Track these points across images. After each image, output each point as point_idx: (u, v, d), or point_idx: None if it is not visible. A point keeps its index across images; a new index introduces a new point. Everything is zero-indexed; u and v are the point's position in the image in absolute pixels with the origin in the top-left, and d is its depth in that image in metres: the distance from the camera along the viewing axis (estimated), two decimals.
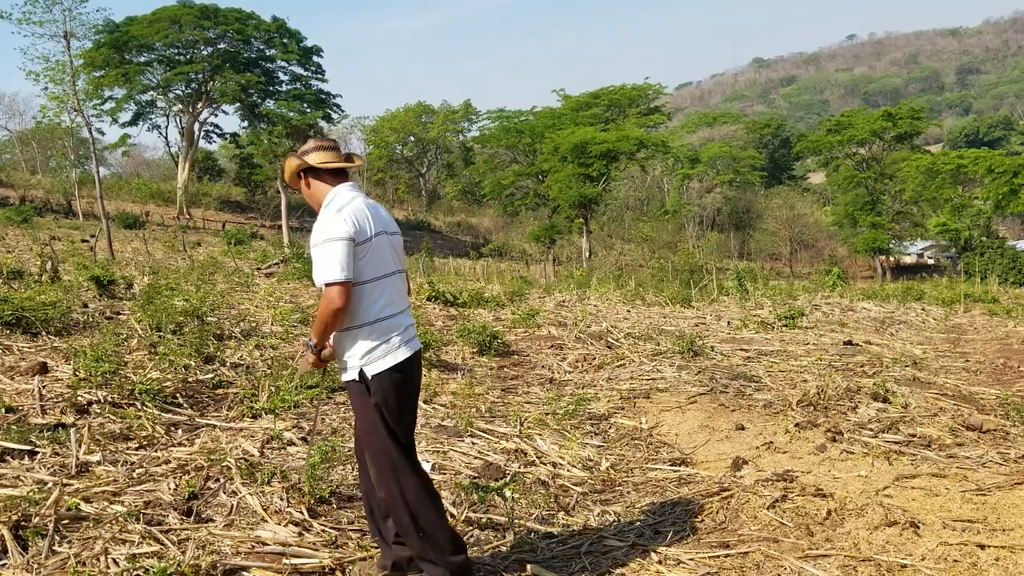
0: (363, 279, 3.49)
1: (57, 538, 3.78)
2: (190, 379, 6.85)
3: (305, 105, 59.28)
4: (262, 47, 61.13)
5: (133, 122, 61.89)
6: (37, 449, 4.97)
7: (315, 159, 3.66)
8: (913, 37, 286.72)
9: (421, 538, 3.54)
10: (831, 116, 79.50)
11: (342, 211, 3.51)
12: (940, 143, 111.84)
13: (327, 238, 3.43)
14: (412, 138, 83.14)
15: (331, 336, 3.58)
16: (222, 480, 4.73)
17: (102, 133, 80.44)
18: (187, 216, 58.19)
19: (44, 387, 6.15)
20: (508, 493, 4.56)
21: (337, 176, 3.69)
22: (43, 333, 7.97)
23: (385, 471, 3.56)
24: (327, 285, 3.40)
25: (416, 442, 5.85)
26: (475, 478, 5.26)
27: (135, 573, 3.47)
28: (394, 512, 3.58)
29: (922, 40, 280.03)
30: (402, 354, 3.58)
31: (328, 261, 3.40)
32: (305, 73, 61.99)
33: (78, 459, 4.85)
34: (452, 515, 4.58)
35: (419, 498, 3.56)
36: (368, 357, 3.52)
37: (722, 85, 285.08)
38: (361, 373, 3.53)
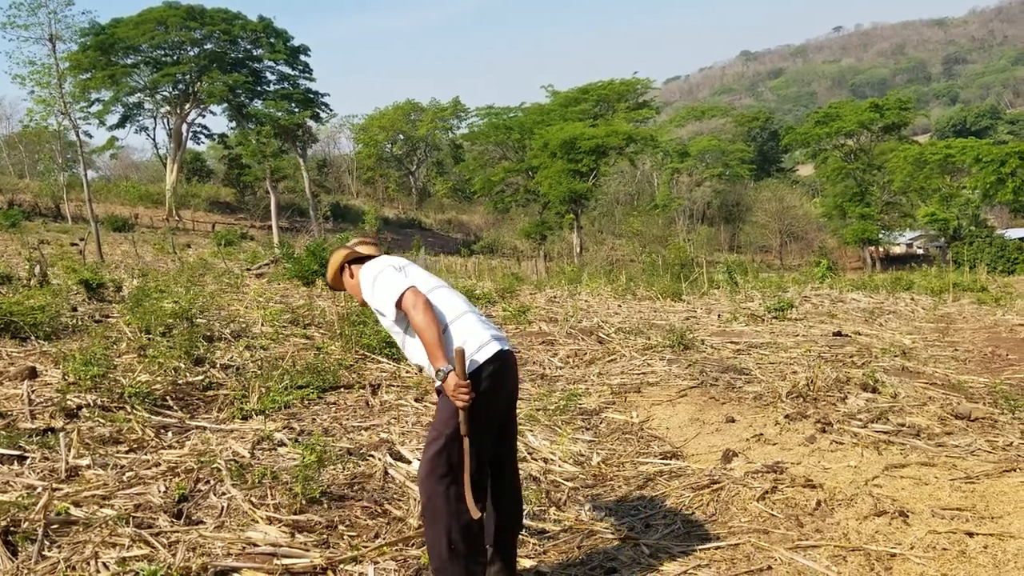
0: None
1: (47, 543, 3.77)
2: (180, 381, 6.83)
3: (293, 105, 59.11)
4: (249, 47, 60.86)
5: (121, 124, 61.60)
6: (26, 454, 4.96)
7: (364, 249, 3.87)
8: (900, 28, 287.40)
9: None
10: (819, 108, 79.51)
11: (374, 262, 3.72)
12: (928, 133, 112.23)
13: (372, 279, 3.62)
14: (401, 136, 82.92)
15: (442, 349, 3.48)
16: (212, 482, 4.73)
17: (90, 136, 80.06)
18: (176, 218, 57.99)
19: (33, 392, 6.13)
20: None
21: None
22: (32, 338, 7.95)
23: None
24: (398, 301, 3.49)
25: (408, 440, 5.87)
26: None
27: None
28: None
29: (908, 31, 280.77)
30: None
31: (385, 287, 3.56)
32: (293, 73, 61.75)
33: (67, 463, 4.84)
34: None
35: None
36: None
37: (710, 79, 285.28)
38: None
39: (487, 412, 3.51)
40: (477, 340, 3.52)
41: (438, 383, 3.46)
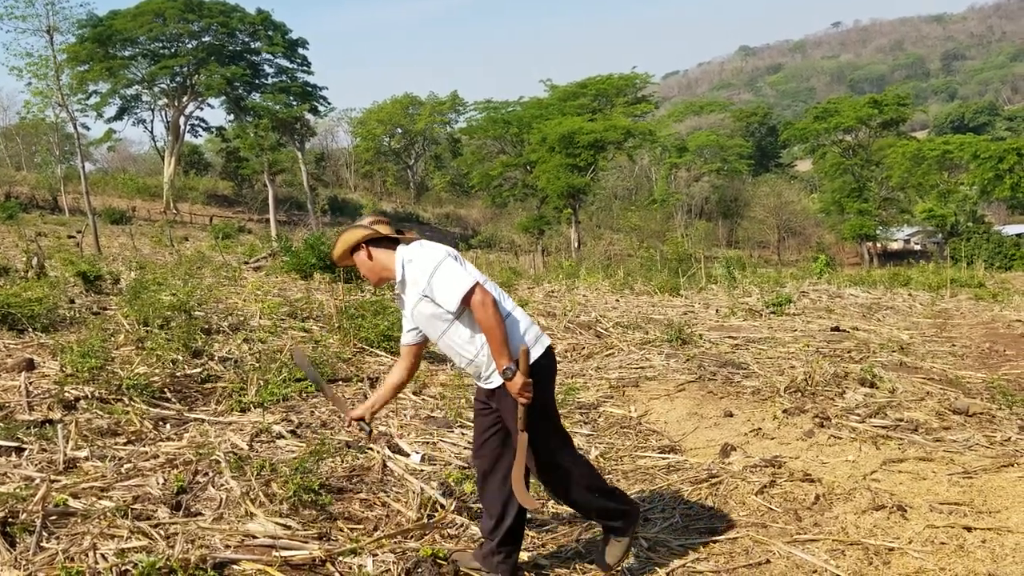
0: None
1: (45, 534, 3.76)
2: (178, 374, 6.81)
3: (291, 98, 59.04)
4: (247, 40, 60.71)
5: (118, 117, 61.49)
6: (24, 445, 4.94)
7: (381, 229, 3.76)
8: (898, 24, 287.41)
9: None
10: (817, 104, 79.58)
11: (423, 245, 3.65)
12: (926, 129, 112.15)
13: (433, 267, 3.54)
14: (399, 130, 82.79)
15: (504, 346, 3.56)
16: (211, 474, 4.72)
17: (87, 128, 79.68)
18: (174, 211, 57.91)
19: (31, 383, 6.11)
20: None
21: (393, 243, 3.77)
22: (29, 329, 7.92)
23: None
24: (465, 297, 3.49)
25: (406, 433, 5.87)
26: (464, 468, 5.27)
27: (123, 568, 3.45)
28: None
29: (907, 27, 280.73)
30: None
31: (449, 278, 3.51)
32: (291, 66, 61.61)
33: (65, 455, 4.83)
34: (442, 506, 4.59)
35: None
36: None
37: (709, 74, 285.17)
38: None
39: (551, 402, 3.79)
40: (532, 336, 3.66)
41: (487, 383, 3.68)
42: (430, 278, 3.53)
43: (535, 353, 3.62)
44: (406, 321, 3.88)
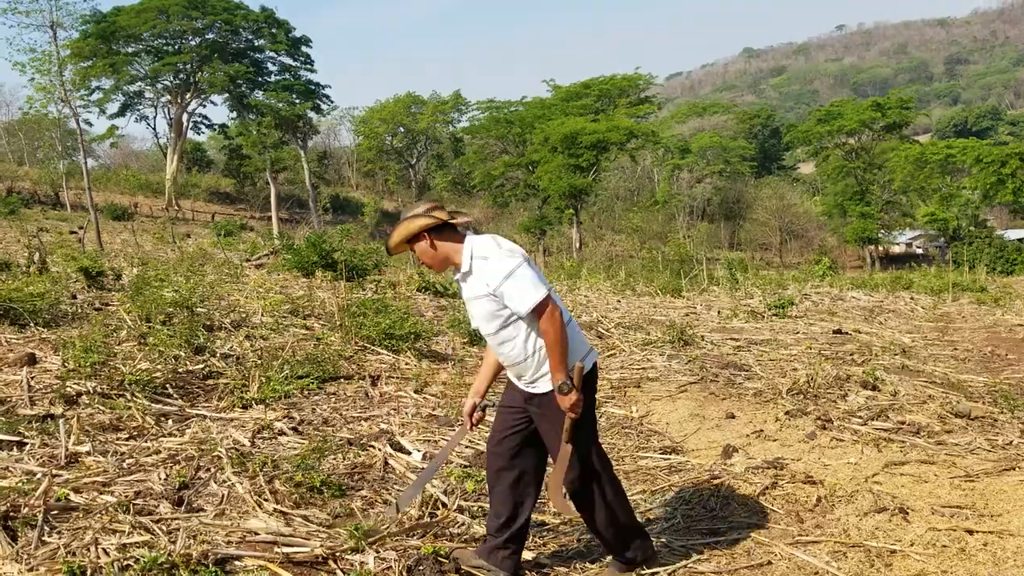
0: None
1: (47, 528, 3.76)
2: (180, 369, 6.82)
3: (294, 96, 59.03)
4: (251, 37, 60.71)
5: (121, 113, 61.44)
6: (26, 440, 4.94)
7: (441, 215, 3.69)
8: (902, 27, 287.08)
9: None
10: (821, 106, 79.44)
11: (499, 243, 3.64)
12: (929, 133, 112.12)
13: (509, 270, 3.52)
14: (402, 129, 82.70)
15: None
16: (213, 470, 4.72)
17: (90, 124, 79.60)
18: (176, 207, 57.91)
19: (33, 378, 6.12)
20: None
21: (453, 230, 3.73)
22: (31, 324, 7.92)
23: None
24: (538, 307, 3.51)
25: (407, 431, 5.87)
26: (466, 467, 5.27)
27: (125, 563, 3.45)
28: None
29: (911, 30, 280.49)
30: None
31: (524, 285, 3.51)
32: (294, 63, 61.61)
33: (67, 450, 4.82)
34: (444, 504, 4.59)
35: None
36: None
37: (712, 75, 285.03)
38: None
39: (593, 415, 3.84)
40: (584, 350, 3.72)
41: (530, 386, 3.72)
42: (504, 280, 3.52)
43: (587, 368, 3.65)
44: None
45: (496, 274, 3.53)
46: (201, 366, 7.06)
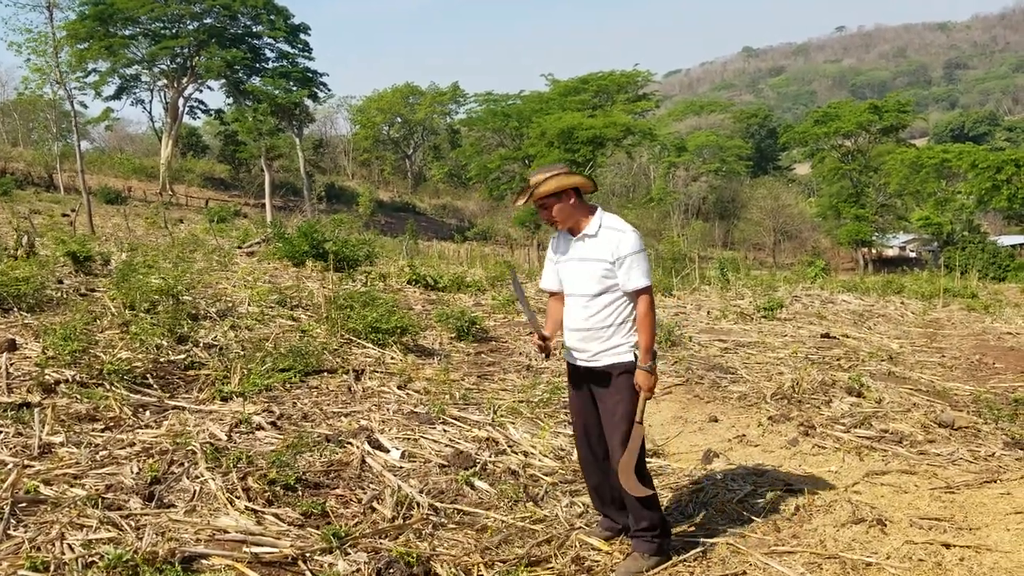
0: None
1: (13, 521, 3.71)
2: (161, 359, 6.76)
3: (291, 83, 58.67)
4: (249, 23, 60.33)
5: (117, 96, 61.01)
6: (0, 428, 4.89)
7: (589, 182, 4.08)
8: (902, 30, 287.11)
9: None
10: (818, 107, 79.47)
11: (627, 223, 4.02)
12: (925, 137, 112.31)
13: (639, 249, 3.93)
14: (399, 119, 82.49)
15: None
16: (186, 465, 4.66)
17: (85, 106, 79.30)
18: (170, 192, 57.59)
19: (11, 364, 6.05)
20: (476, 482, 4.52)
21: (583, 200, 4.08)
22: (15, 309, 7.85)
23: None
24: (642, 289, 3.91)
25: (387, 428, 5.82)
26: (445, 466, 5.23)
27: (90, 559, 3.40)
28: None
29: (911, 33, 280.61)
30: None
31: (645, 267, 3.93)
32: (292, 51, 61.26)
33: (41, 440, 4.77)
34: (418, 503, 4.54)
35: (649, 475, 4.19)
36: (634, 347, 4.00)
37: (711, 73, 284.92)
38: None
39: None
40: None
41: (593, 360, 4.00)
42: (632, 254, 3.88)
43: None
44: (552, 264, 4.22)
45: (628, 246, 3.88)
46: (183, 356, 7.00)
